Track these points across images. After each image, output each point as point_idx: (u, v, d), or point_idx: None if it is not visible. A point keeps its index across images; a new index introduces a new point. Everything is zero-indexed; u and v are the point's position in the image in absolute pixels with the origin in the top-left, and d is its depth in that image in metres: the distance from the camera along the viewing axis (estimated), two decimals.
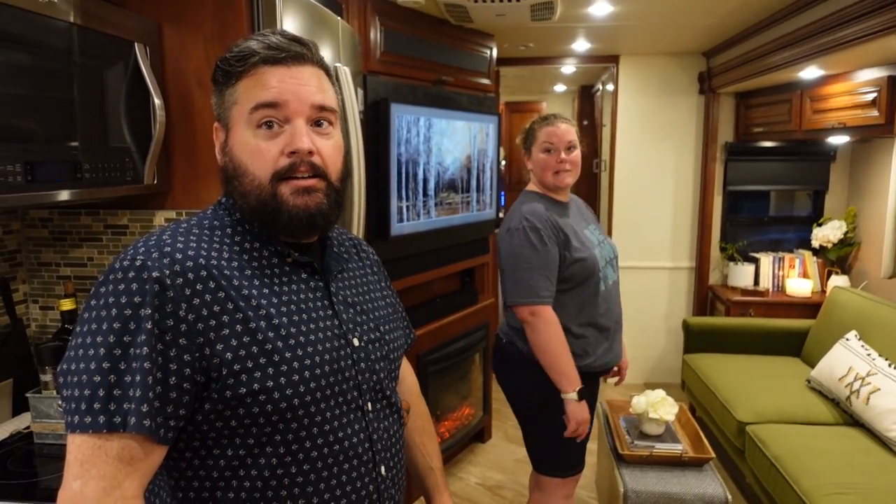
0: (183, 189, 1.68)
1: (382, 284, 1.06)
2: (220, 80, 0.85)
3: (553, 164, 1.94)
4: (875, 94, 2.71)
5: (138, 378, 0.71)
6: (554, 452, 1.98)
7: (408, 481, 1.06)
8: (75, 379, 0.71)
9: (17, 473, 1.28)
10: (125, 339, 0.72)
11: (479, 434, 3.40)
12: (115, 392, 0.70)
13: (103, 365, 0.71)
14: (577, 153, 1.98)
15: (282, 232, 0.85)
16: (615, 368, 2.13)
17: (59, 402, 1.37)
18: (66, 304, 1.51)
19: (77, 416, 0.70)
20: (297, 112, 0.82)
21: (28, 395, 1.40)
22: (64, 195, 1.28)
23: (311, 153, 0.82)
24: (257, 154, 0.82)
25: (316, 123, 0.85)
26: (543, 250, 1.83)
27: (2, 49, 1.13)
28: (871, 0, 2.12)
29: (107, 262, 1.73)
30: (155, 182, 1.57)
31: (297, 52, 0.84)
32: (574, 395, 1.84)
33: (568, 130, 1.96)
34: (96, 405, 0.70)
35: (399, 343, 1.02)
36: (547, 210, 1.91)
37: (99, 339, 0.72)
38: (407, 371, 1.18)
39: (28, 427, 1.44)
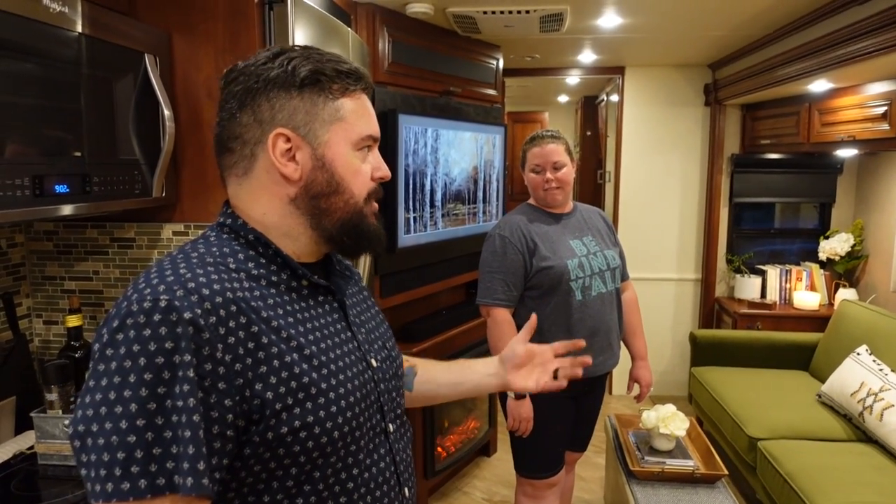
0: (191, 202, 1.65)
1: (372, 300, 1.04)
2: (326, 86, 0.80)
3: (541, 183, 2.05)
4: (885, 108, 2.69)
5: (188, 433, 0.64)
6: (516, 450, 2.15)
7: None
8: (101, 441, 0.63)
9: (20, 497, 1.24)
10: (159, 390, 0.64)
11: (485, 448, 3.36)
12: (154, 451, 0.63)
13: (137, 422, 0.63)
14: (564, 171, 2.05)
15: (357, 250, 0.87)
16: (635, 384, 2.26)
17: (66, 425, 1.33)
18: (73, 321, 1.48)
19: (110, 484, 0.62)
20: (377, 143, 0.88)
21: (33, 414, 1.36)
22: (72, 209, 1.25)
23: None
24: (359, 175, 0.84)
25: None
26: (504, 257, 2.00)
27: (10, 60, 1.10)
28: (883, 15, 2.11)
29: (112, 276, 1.70)
30: (163, 195, 1.54)
31: (370, 85, 0.87)
32: (512, 394, 1.98)
33: (553, 150, 2.03)
34: (134, 468, 0.62)
35: (401, 359, 1.01)
36: (529, 220, 2.05)
37: (126, 393, 0.63)
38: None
39: (32, 447, 1.40)
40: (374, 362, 0.87)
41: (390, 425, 0.88)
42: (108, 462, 0.62)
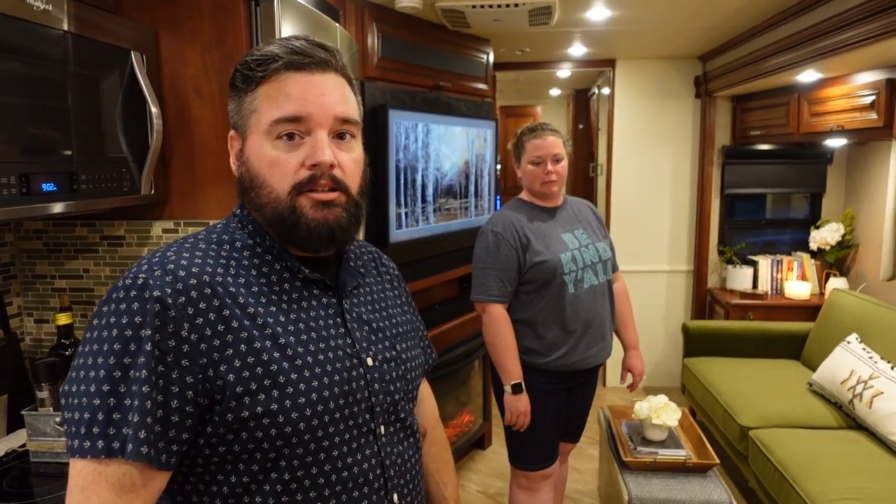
0: (180, 199, 1.65)
1: (402, 300, 1.01)
2: (240, 86, 0.81)
3: (541, 175, 2.04)
4: (873, 97, 2.71)
5: (136, 403, 0.68)
6: (510, 442, 2.16)
7: None
8: (75, 401, 0.69)
9: (12, 494, 1.25)
10: (125, 360, 0.69)
11: (480, 441, 3.38)
12: (114, 416, 0.68)
13: (103, 388, 0.68)
14: (563, 164, 2.07)
15: (299, 245, 0.82)
16: (628, 373, 2.29)
17: (58, 422, 1.33)
18: (63, 319, 1.48)
19: (77, 441, 0.68)
20: (320, 124, 0.79)
21: (24, 412, 1.36)
22: (60, 207, 1.25)
23: (332, 166, 0.79)
24: (276, 166, 0.78)
25: (338, 136, 0.82)
26: (498, 253, 2.00)
27: None
28: (871, 4, 2.12)
29: (103, 274, 1.70)
30: (152, 192, 1.54)
31: (322, 59, 0.80)
32: (509, 388, 2.01)
33: (554, 143, 2.04)
34: (95, 429, 0.67)
35: (418, 362, 0.96)
36: (521, 216, 2.05)
37: (99, 360, 0.69)
38: (426, 393, 1.14)
39: (24, 445, 1.41)
40: (369, 361, 0.85)
41: (381, 427, 0.86)
42: (77, 421, 0.69)
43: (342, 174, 0.81)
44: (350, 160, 0.82)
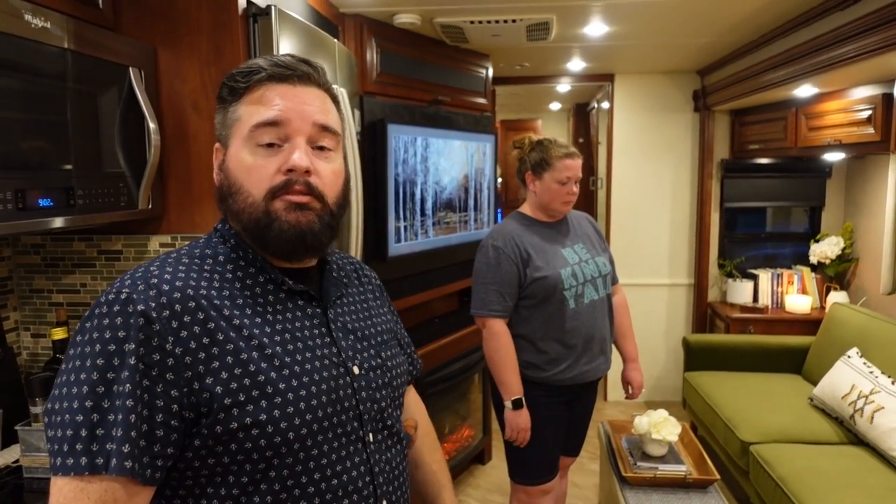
0: (178, 214, 1.65)
1: (385, 310, 1.03)
2: (226, 98, 0.83)
3: (564, 195, 2.05)
4: (870, 112, 2.71)
5: (121, 417, 0.68)
6: (510, 457, 2.14)
7: None
8: (58, 419, 0.68)
9: None
10: (109, 375, 0.69)
11: (479, 456, 3.36)
12: (97, 432, 0.67)
13: (86, 404, 0.68)
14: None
15: (271, 249, 0.82)
16: (627, 384, 2.29)
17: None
18: (59, 333, 1.48)
19: (59, 458, 0.67)
20: (298, 130, 0.80)
21: (18, 427, 1.36)
22: (57, 222, 1.26)
23: (308, 172, 0.80)
24: (254, 171, 0.79)
25: (318, 148, 0.83)
26: (498, 268, 1.99)
27: None
28: (867, 19, 2.13)
29: (100, 289, 1.71)
30: (150, 207, 1.54)
31: (305, 72, 0.82)
32: (509, 404, 2.00)
33: (580, 166, 2.09)
34: (78, 446, 0.67)
35: (402, 370, 0.98)
36: (521, 230, 2.05)
37: (83, 376, 0.69)
38: (411, 393, 1.16)
39: (17, 461, 1.40)
40: (356, 370, 0.86)
41: (370, 435, 0.87)
42: (60, 438, 0.68)
43: (319, 182, 0.81)
44: (329, 170, 0.83)
